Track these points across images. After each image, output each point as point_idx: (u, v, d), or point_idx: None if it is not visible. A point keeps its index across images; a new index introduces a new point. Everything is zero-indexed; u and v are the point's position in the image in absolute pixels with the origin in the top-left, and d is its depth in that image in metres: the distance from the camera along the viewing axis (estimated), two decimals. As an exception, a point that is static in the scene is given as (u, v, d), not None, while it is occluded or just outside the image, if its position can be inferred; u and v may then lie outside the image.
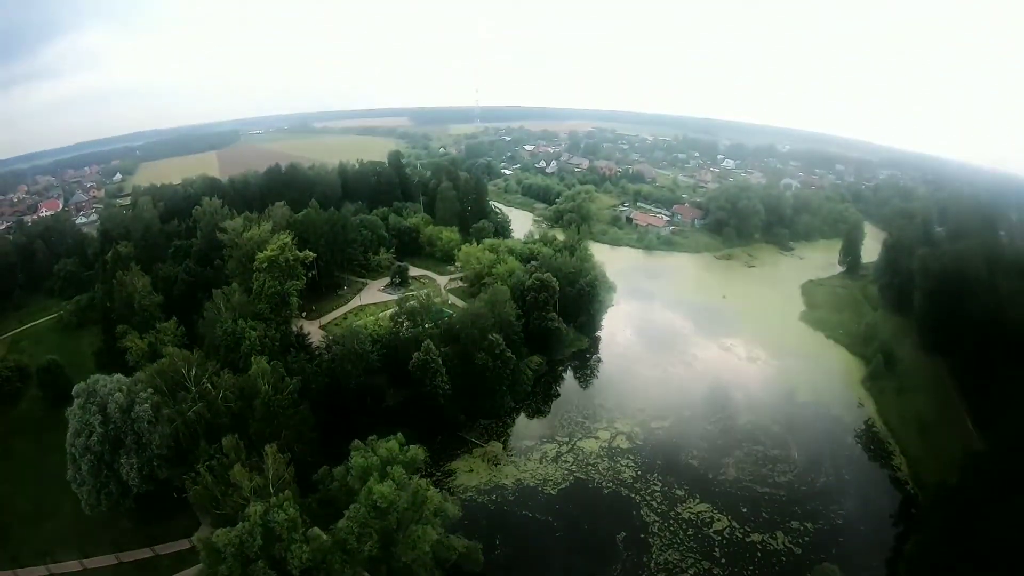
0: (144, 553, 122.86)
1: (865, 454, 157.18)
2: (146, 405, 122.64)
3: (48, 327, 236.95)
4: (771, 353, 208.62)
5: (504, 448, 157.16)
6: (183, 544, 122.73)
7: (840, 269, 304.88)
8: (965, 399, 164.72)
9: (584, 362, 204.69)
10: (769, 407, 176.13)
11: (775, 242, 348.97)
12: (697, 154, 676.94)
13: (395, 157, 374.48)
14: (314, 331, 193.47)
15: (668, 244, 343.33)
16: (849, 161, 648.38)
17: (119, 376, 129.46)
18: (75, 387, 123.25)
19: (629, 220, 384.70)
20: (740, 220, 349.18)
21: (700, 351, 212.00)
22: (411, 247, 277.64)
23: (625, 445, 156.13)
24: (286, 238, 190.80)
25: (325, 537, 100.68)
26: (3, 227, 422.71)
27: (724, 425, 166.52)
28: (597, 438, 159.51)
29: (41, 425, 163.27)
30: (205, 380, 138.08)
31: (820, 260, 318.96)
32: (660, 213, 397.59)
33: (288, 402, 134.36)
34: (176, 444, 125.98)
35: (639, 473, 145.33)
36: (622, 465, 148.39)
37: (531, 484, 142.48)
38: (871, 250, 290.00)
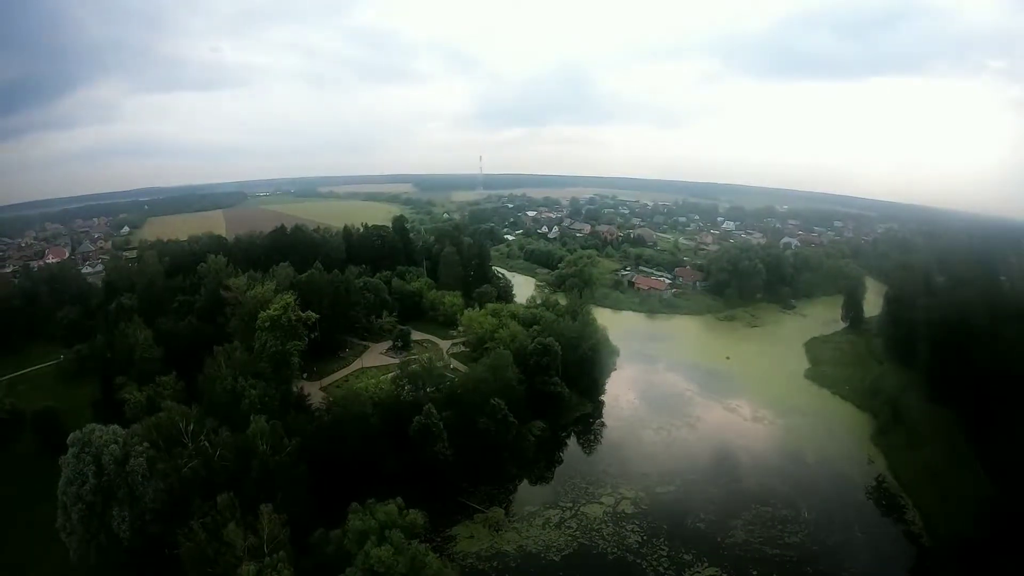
0: None
1: (877, 510, 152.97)
2: (141, 458, 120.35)
3: (46, 373, 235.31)
4: (777, 412, 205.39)
5: (506, 514, 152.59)
6: None
7: (843, 325, 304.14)
8: (975, 447, 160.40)
9: (587, 427, 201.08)
10: (777, 467, 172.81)
11: (777, 301, 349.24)
12: (697, 217, 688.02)
13: (399, 222, 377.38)
14: (315, 392, 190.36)
15: (670, 307, 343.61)
16: (847, 217, 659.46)
17: (116, 427, 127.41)
18: (71, 435, 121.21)
19: (631, 284, 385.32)
20: (741, 281, 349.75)
21: (705, 413, 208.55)
22: (414, 311, 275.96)
23: (630, 510, 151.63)
24: (289, 298, 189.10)
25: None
26: (9, 270, 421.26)
27: (731, 487, 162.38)
28: (601, 503, 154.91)
29: (33, 471, 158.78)
30: (203, 436, 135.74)
31: (823, 317, 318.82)
32: (662, 276, 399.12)
33: (286, 462, 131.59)
34: (170, 499, 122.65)
35: (645, 538, 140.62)
36: (627, 530, 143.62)
37: (534, 550, 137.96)
38: (873, 304, 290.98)
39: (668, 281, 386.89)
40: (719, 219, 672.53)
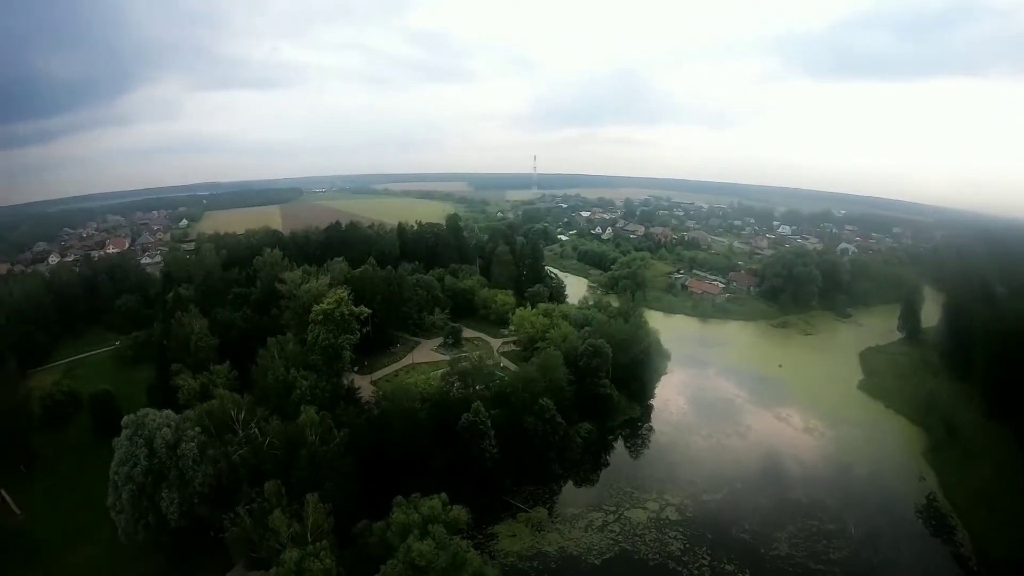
0: None
1: (926, 529, 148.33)
2: (192, 443, 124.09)
3: (104, 358, 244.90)
4: (828, 423, 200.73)
5: (549, 514, 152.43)
6: None
7: (900, 335, 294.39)
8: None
9: (635, 430, 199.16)
10: (825, 480, 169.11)
11: (832, 309, 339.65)
12: (752, 221, 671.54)
13: (453, 220, 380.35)
14: (365, 386, 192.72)
15: (723, 312, 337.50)
16: (906, 224, 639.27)
17: (169, 412, 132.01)
18: (124, 418, 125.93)
19: (684, 287, 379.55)
20: (796, 287, 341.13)
21: (755, 421, 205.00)
22: (465, 309, 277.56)
23: (674, 517, 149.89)
24: (343, 293, 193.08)
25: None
26: (71, 259, 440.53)
27: (778, 498, 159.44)
28: (645, 508, 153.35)
29: (87, 451, 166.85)
30: (253, 425, 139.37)
31: (879, 326, 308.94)
32: (715, 280, 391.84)
33: (334, 453, 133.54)
34: (218, 484, 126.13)
35: (687, 546, 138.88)
36: (670, 537, 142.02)
37: (575, 552, 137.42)
38: (931, 314, 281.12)
39: (722, 285, 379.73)
40: (775, 223, 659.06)
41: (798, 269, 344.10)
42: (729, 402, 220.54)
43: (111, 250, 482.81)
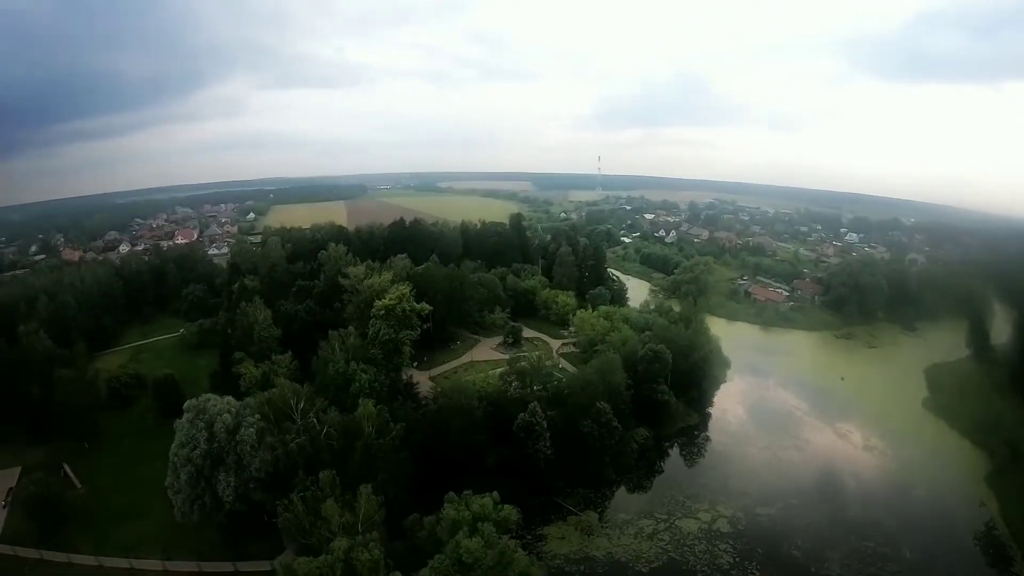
0: (225, 567, 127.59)
1: (983, 557, 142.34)
2: (251, 429, 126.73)
3: (170, 344, 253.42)
4: (888, 442, 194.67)
5: (599, 519, 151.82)
6: (264, 566, 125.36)
7: (967, 352, 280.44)
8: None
9: (691, 439, 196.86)
10: (882, 500, 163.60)
11: (898, 321, 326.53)
12: (819, 227, 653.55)
13: (516, 219, 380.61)
14: (423, 381, 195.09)
15: (786, 320, 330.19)
16: (977, 234, 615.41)
17: (230, 398, 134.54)
18: (187, 402, 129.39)
19: (747, 294, 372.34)
20: (862, 297, 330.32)
21: (813, 435, 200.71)
22: (526, 308, 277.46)
23: (726, 529, 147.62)
24: (405, 289, 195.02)
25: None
26: (141, 249, 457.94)
27: (833, 516, 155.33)
28: (697, 519, 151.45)
29: (149, 432, 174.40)
30: (311, 415, 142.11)
31: (946, 341, 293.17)
32: (779, 288, 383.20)
33: (389, 447, 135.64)
34: (274, 470, 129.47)
35: (737, 560, 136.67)
36: (720, 549, 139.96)
37: (622, 559, 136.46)
38: (1002, 331, 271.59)
39: (786, 293, 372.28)
40: (842, 230, 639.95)
41: (864, 279, 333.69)
42: (788, 414, 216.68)
43: (180, 241, 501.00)
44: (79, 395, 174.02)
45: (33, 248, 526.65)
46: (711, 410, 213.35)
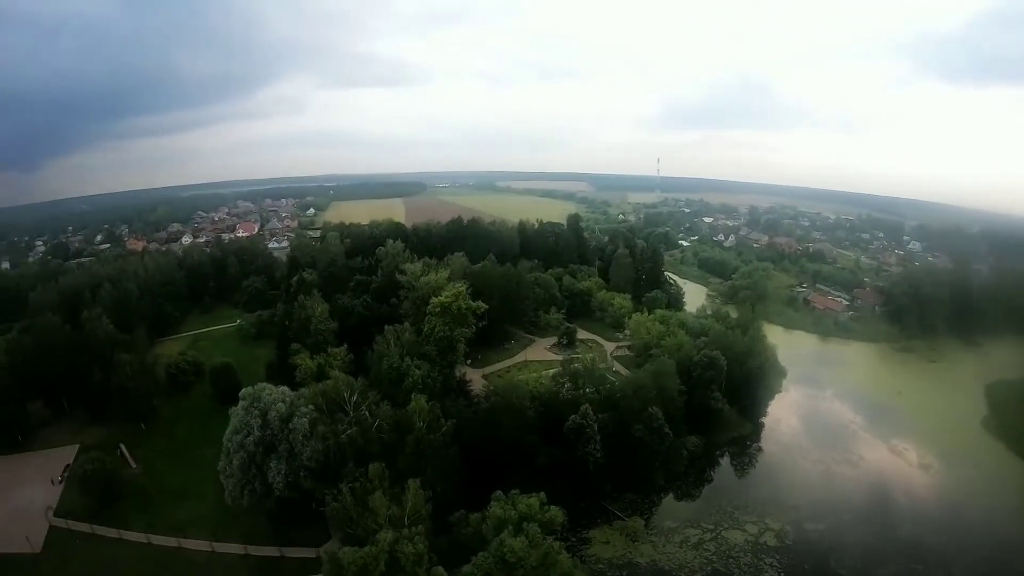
0: (271, 551, 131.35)
1: None
2: (304, 419, 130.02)
3: (228, 333, 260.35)
4: (944, 461, 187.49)
5: (645, 525, 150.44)
6: (310, 552, 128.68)
7: None
8: None
9: (743, 448, 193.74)
10: (935, 521, 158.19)
11: (961, 335, 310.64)
12: (882, 235, 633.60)
13: (574, 220, 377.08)
14: (476, 379, 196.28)
15: (845, 330, 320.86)
16: None
17: (285, 388, 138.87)
18: (243, 390, 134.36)
19: (806, 302, 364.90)
20: (924, 309, 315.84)
21: (867, 451, 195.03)
22: (582, 310, 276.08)
23: (773, 542, 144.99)
24: (461, 287, 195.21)
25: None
26: (203, 240, 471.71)
27: (883, 535, 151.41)
28: (744, 531, 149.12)
29: (205, 417, 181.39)
30: (364, 407, 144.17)
31: (1010, 358, 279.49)
32: (839, 296, 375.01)
33: (439, 442, 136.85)
34: (325, 460, 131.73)
35: (782, 575, 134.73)
36: (766, 564, 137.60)
37: (666, 567, 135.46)
38: None
39: (845, 302, 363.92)
40: (904, 238, 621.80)
41: (927, 289, 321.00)
42: (843, 427, 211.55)
43: (241, 234, 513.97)
44: (138, 379, 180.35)
45: (99, 237, 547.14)
46: (764, 420, 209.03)
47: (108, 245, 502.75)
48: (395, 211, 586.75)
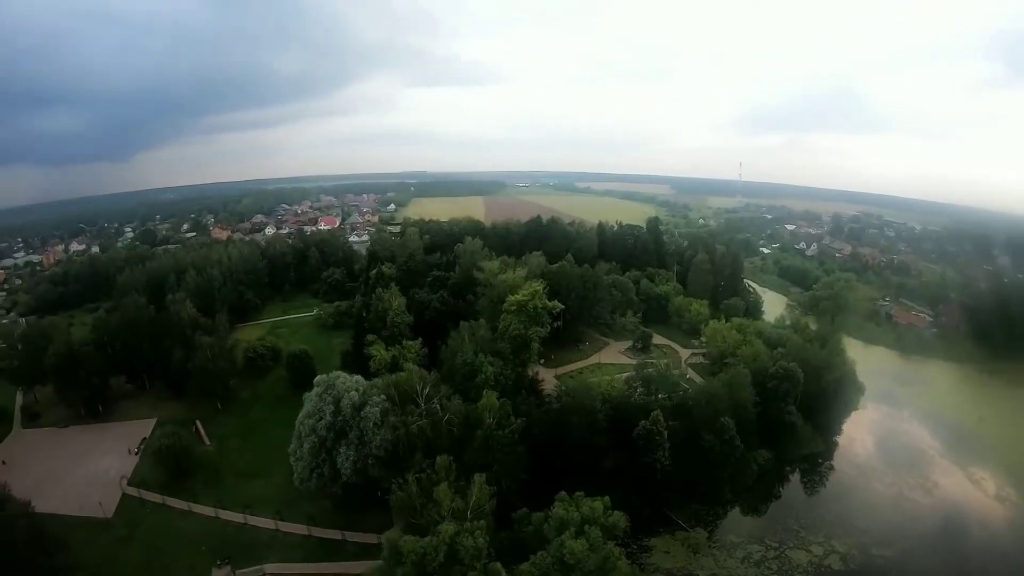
0: (334, 534, 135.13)
1: None
2: (376, 409, 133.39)
3: (306, 322, 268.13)
4: None
5: (708, 537, 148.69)
6: (371, 538, 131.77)
7: None
8: None
9: (814, 466, 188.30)
10: (1009, 557, 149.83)
11: None
12: (969, 248, 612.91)
13: (654, 223, 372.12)
14: (548, 379, 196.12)
15: (927, 348, 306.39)
16: None
17: (359, 378, 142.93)
18: (318, 377, 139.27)
19: (888, 316, 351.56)
20: (1012, 329, 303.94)
21: (943, 477, 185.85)
22: (658, 314, 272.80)
23: (837, 566, 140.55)
24: (538, 286, 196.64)
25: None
26: (285, 232, 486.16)
27: (954, 568, 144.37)
28: (809, 551, 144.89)
29: (280, 401, 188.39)
30: (435, 400, 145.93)
31: None
32: (923, 312, 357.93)
33: (508, 439, 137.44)
34: (393, 450, 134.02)
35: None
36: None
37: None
38: None
39: (929, 319, 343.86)
40: (994, 252, 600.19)
41: (1016, 308, 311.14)
42: (919, 451, 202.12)
43: (322, 227, 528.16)
44: (217, 360, 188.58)
45: (185, 226, 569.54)
46: (839, 438, 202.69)
47: (194, 233, 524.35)
48: (474, 209, 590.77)
